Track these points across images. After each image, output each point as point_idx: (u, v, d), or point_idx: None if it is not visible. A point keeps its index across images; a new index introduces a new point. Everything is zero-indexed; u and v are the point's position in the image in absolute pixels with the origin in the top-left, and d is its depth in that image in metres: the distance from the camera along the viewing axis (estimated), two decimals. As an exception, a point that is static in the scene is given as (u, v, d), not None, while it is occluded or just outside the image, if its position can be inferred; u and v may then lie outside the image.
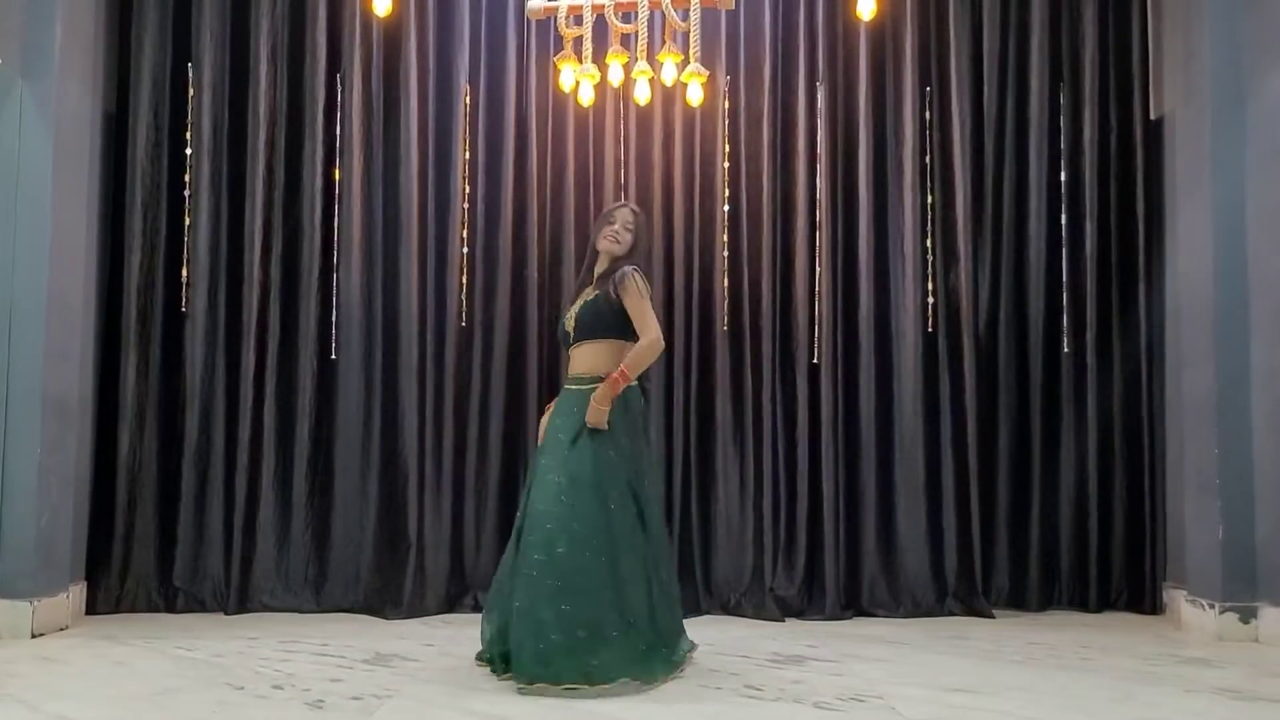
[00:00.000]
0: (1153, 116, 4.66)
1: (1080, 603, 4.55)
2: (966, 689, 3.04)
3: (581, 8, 3.86)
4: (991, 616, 4.36)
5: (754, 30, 4.65)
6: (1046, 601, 4.55)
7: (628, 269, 3.28)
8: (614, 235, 3.36)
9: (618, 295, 3.24)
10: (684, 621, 3.37)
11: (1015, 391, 4.65)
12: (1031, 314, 4.64)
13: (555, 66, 4.14)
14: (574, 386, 3.29)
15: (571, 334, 3.33)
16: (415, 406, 4.46)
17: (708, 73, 3.91)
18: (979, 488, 4.53)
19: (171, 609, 4.32)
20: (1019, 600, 4.56)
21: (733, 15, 4.61)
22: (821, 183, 4.60)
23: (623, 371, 3.18)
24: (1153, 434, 4.59)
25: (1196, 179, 4.17)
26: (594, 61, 3.92)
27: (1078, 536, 4.58)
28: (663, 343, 3.26)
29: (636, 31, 3.78)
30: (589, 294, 3.35)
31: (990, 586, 4.56)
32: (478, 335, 4.57)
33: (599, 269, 3.42)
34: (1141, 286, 4.62)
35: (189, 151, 4.52)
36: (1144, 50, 4.69)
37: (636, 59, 3.82)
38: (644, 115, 4.60)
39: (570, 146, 4.62)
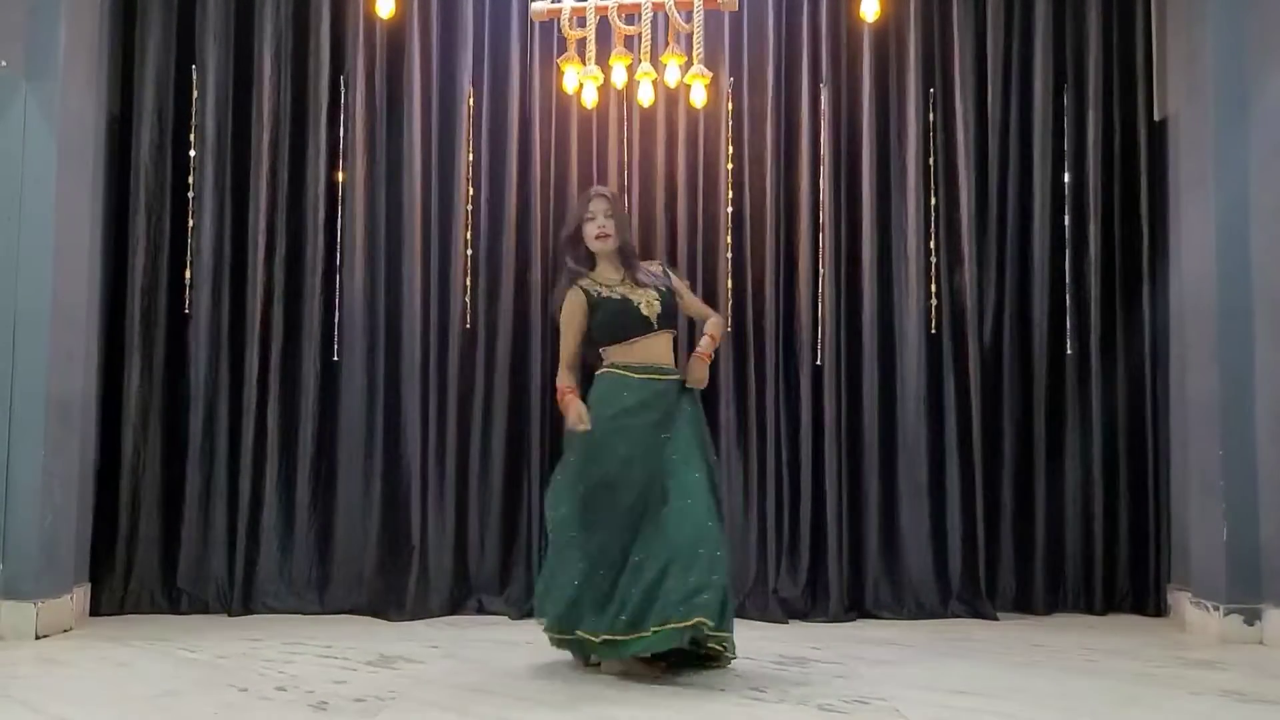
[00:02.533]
0: (1157, 118, 4.66)
1: (1085, 605, 4.53)
2: (971, 691, 3.04)
3: (585, 9, 3.85)
4: (995, 619, 4.35)
5: (757, 32, 4.64)
6: (1052, 604, 4.53)
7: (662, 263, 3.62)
8: (602, 230, 3.34)
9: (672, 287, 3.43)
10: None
11: (1019, 393, 4.63)
12: (1035, 316, 4.62)
13: (559, 68, 4.13)
14: (659, 377, 3.30)
15: (655, 321, 3.31)
16: (418, 408, 4.46)
17: (711, 74, 3.91)
18: (983, 490, 4.51)
19: (175, 610, 4.33)
20: (1024, 603, 4.54)
21: (736, 17, 4.60)
22: (825, 184, 4.60)
23: (713, 338, 3.42)
24: (1156, 436, 4.57)
25: (1200, 180, 4.16)
26: (597, 63, 3.92)
27: (1082, 539, 4.56)
28: None
29: (640, 33, 3.78)
30: (651, 288, 3.34)
31: (995, 589, 4.54)
32: (481, 337, 4.57)
33: (610, 262, 3.39)
34: (1145, 288, 4.60)
35: (193, 153, 4.53)
36: (1148, 51, 4.67)
37: (640, 61, 3.81)
38: (647, 117, 4.59)
39: (574, 148, 4.62)
